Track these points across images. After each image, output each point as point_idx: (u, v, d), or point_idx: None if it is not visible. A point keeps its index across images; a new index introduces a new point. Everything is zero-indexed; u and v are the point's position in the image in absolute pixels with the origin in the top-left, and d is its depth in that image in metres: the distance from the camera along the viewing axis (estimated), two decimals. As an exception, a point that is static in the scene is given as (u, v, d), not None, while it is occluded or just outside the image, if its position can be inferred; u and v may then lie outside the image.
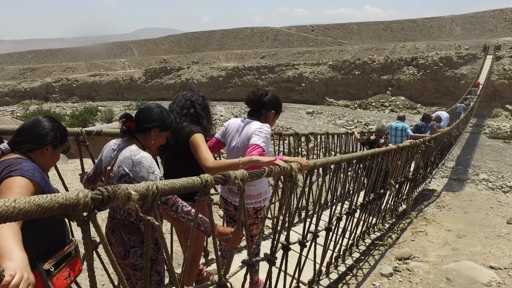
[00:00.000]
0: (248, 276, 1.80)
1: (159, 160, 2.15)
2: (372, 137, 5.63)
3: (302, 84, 31.96)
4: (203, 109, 2.16)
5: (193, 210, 1.54)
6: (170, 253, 2.84)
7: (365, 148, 5.65)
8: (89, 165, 2.79)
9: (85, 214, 0.92)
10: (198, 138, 1.98)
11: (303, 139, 4.75)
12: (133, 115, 1.80)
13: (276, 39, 50.62)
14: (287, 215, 2.02)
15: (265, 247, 2.92)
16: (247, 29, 54.93)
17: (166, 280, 2.36)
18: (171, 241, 2.97)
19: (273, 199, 2.06)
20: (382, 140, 5.41)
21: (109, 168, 1.72)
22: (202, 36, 56.04)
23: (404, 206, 5.40)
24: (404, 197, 5.31)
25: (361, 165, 3.16)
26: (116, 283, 2.33)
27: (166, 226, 4.11)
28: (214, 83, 35.09)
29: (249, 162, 1.82)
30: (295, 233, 3.32)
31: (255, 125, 2.15)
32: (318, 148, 5.40)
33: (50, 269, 1.34)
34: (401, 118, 7.04)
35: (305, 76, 32.36)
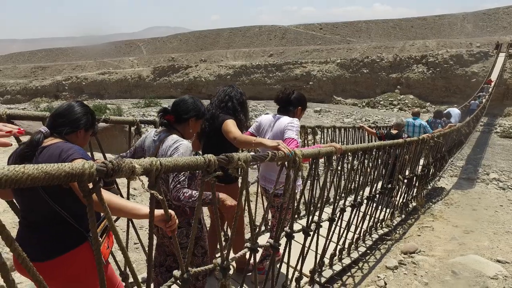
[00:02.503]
0: (251, 261, 1.82)
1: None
2: (394, 131, 5.49)
3: (310, 83, 31.84)
4: (240, 104, 2.38)
5: (194, 192, 1.64)
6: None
7: None
8: (97, 156, 2.84)
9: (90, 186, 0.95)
10: (229, 122, 2.24)
11: (310, 137, 4.72)
12: (169, 108, 1.95)
13: (284, 37, 50.47)
14: (291, 201, 2.03)
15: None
16: (255, 28, 54.88)
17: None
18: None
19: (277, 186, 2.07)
20: (405, 135, 5.28)
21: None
22: (210, 34, 56.20)
23: (414, 204, 5.34)
24: (414, 195, 5.25)
25: (371, 157, 3.14)
26: (122, 269, 2.38)
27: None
28: (222, 81, 35.14)
29: (259, 144, 2.05)
30: (300, 226, 3.34)
31: (286, 119, 2.40)
32: (325, 142, 5.38)
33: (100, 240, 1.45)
34: (416, 114, 6.85)
35: (313, 74, 32.22)
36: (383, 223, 4.14)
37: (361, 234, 3.52)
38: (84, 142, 1.60)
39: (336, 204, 2.77)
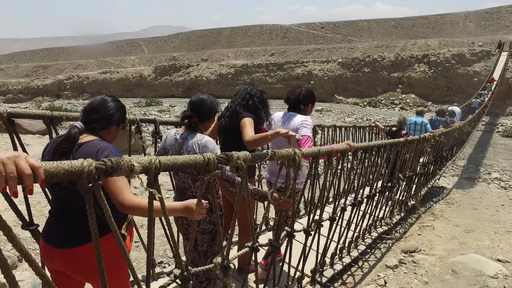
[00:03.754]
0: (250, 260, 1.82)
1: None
2: (394, 128, 5.78)
3: (311, 82, 31.80)
4: (261, 102, 2.47)
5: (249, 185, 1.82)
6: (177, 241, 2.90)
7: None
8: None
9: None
10: (246, 120, 2.32)
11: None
12: (188, 109, 2.05)
13: (285, 36, 50.39)
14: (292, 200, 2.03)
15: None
16: (256, 27, 54.81)
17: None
18: (178, 229, 2.99)
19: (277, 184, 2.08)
20: (404, 131, 5.56)
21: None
22: (211, 33, 56.16)
23: (413, 202, 5.34)
24: (413, 193, 5.25)
25: (371, 156, 3.15)
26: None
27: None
28: (223, 81, 35.17)
29: (275, 134, 2.17)
30: (301, 225, 3.34)
31: (299, 117, 2.52)
32: (326, 141, 5.37)
33: (124, 234, 1.53)
34: (420, 113, 7.07)
35: (314, 73, 32.19)
36: (383, 221, 4.14)
37: (361, 233, 3.52)
38: (114, 137, 1.63)
39: (337, 203, 2.76)
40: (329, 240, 2.76)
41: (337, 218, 2.78)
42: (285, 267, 2.40)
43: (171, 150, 2.03)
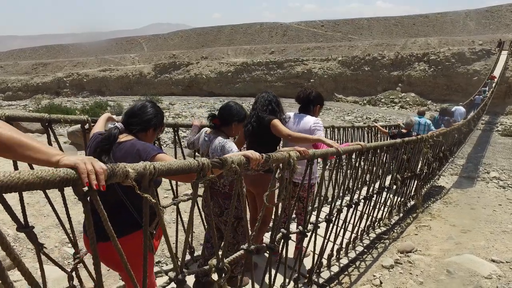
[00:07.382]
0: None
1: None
2: (404, 130, 6.01)
3: (311, 80, 31.80)
4: (277, 106, 2.78)
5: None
6: (174, 242, 2.92)
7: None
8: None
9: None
10: (277, 121, 2.66)
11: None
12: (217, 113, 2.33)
13: (285, 34, 50.28)
14: (286, 203, 2.05)
15: (266, 237, 2.97)
16: (256, 25, 54.69)
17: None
18: (176, 229, 3.01)
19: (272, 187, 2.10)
20: (415, 133, 5.78)
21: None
22: (211, 31, 56.04)
23: (412, 202, 5.35)
24: (412, 194, 5.26)
25: (368, 157, 3.17)
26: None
27: (171, 216, 4.18)
28: (223, 79, 35.14)
29: (317, 140, 2.53)
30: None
31: (310, 119, 2.79)
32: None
33: (153, 232, 1.66)
34: (422, 113, 7.20)
35: (314, 72, 32.17)
36: (381, 222, 4.16)
37: (359, 234, 3.53)
38: (151, 139, 1.79)
39: (333, 204, 2.78)
40: (326, 241, 2.78)
41: (333, 219, 2.80)
42: (281, 267, 2.42)
43: (202, 149, 2.34)
